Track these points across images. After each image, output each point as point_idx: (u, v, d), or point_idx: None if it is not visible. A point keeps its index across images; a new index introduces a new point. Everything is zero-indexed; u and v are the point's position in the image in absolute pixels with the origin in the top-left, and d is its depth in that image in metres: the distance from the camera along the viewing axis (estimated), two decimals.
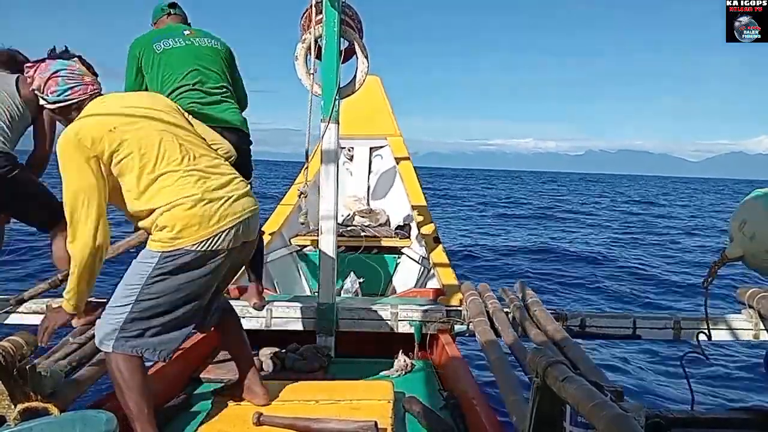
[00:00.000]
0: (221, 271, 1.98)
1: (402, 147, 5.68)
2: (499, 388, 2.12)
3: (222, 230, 1.88)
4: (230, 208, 1.92)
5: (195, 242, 1.84)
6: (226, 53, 3.11)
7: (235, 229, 1.92)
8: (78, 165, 1.83)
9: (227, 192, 1.94)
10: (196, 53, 2.97)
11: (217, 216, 1.88)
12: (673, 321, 3.18)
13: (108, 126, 1.86)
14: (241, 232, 1.95)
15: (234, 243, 1.93)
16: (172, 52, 2.92)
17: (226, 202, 1.91)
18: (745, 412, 2.19)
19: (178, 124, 2.02)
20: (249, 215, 1.98)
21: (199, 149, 1.99)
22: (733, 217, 2.12)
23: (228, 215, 1.90)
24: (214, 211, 1.87)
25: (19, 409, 1.73)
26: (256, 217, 2.06)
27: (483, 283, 3.58)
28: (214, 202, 1.89)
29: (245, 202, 1.99)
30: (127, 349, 1.86)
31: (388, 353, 3.02)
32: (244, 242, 2.01)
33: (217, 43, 3.10)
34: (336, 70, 3.02)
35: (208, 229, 1.86)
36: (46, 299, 3.17)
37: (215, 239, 1.87)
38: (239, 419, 2.13)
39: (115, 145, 1.85)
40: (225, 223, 1.89)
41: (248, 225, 1.99)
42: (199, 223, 1.85)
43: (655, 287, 9.18)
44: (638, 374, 5.23)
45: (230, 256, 1.95)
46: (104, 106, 1.96)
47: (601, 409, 1.22)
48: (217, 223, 1.87)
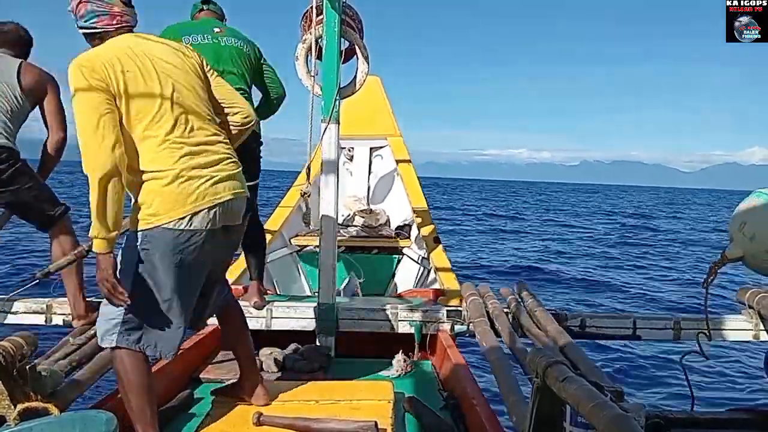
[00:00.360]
0: (206, 256, 1.92)
1: (402, 147, 5.68)
2: (499, 388, 2.12)
3: (198, 210, 1.83)
4: (211, 188, 1.87)
5: (171, 220, 1.80)
6: (252, 53, 3.16)
7: (214, 210, 1.87)
8: (87, 91, 1.77)
9: (212, 171, 1.90)
10: (219, 53, 3.01)
11: (195, 195, 1.83)
12: (673, 321, 3.18)
13: (119, 66, 1.82)
14: (221, 214, 1.90)
15: (213, 224, 1.88)
16: (196, 47, 2.96)
17: (208, 182, 1.87)
18: (745, 412, 2.19)
19: (193, 88, 1.97)
20: (230, 197, 1.92)
21: (199, 121, 1.94)
22: (733, 218, 2.13)
23: (207, 195, 1.85)
24: (192, 189, 1.83)
25: (19, 409, 1.73)
26: (241, 200, 2.00)
27: (483, 284, 3.58)
28: (194, 179, 1.84)
29: (230, 185, 1.94)
30: (131, 344, 1.85)
31: (388, 353, 3.02)
32: (228, 226, 1.96)
33: (244, 44, 3.15)
34: (336, 70, 3.02)
35: (184, 207, 1.82)
36: (47, 299, 3.18)
37: (192, 218, 1.83)
38: (239, 419, 2.13)
39: (118, 87, 1.80)
40: (203, 202, 1.84)
41: (230, 207, 1.93)
42: (175, 200, 1.81)
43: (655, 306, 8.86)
44: (638, 374, 5.24)
45: (212, 239, 1.90)
46: (126, 45, 1.90)
47: (601, 410, 1.22)
48: (194, 201, 1.83)
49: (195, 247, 1.86)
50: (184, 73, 1.98)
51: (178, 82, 1.93)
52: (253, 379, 2.26)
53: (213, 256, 1.98)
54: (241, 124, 2.17)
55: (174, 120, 1.87)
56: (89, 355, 2.41)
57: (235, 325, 2.26)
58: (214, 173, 1.91)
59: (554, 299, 8.18)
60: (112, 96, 1.80)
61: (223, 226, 1.94)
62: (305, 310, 3.17)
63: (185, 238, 1.83)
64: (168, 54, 1.98)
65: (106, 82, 1.79)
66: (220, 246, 1.99)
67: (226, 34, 3.11)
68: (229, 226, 1.98)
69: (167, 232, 1.81)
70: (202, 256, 1.91)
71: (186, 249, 1.84)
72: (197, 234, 1.85)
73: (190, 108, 1.94)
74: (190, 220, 1.83)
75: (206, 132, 1.96)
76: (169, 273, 1.84)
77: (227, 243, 2.04)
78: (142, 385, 1.86)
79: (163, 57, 1.95)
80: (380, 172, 6.26)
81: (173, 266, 1.84)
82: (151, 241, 1.82)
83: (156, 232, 1.81)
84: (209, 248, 1.92)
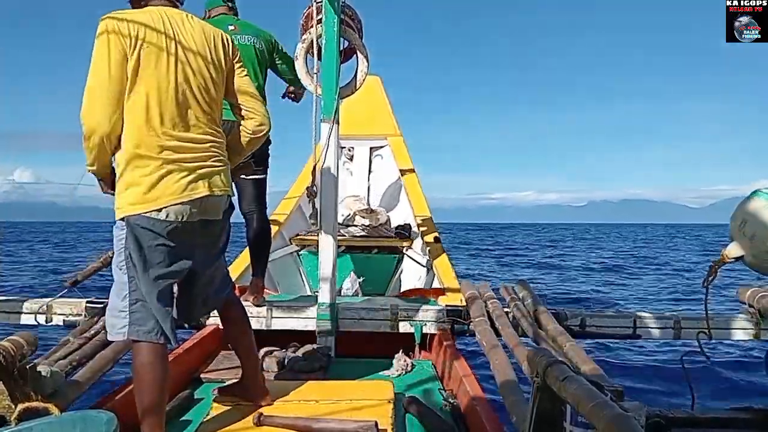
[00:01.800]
0: (183, 248, 1.92)
1: (402, 147, 5.68)
2: (499, 388, 2.12)
3: (174, 203, 1.85)
4: (191, 184, 1.89)
5: (148, 210, 1.82)
6: (266, 48, 3.22)
7: (189, 205, 1.88)
8: (107, 46, 1.79)
9: (194, 167, 1.91)
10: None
11: (173, 188, 1.85)
12: (673, 321, 3.18)
13: (143, 34, 1.83)
14: (197, 210, 1.91)
15: (191, 218, 1.90)
16: None
17: (187, 177, 1.88)
18: (745, 412, 2.19)
19: (204, 83, 1.96)
20: (207, 194, 1.93)
21: (196, 118, 1.94)
22: (733, 217, 2.13)
23: (186, 189, 1.87)
24: (171, 183, 1.85)
25: (19, 409, 1.73)
26: (219, 198, 2.00)
27: (483, 283, 3.58)
28: (174, 173, 1.86)
29: (210, 182, 1.94)
30: (141, 336, 1.85)
31: (388, 353, 3.02)
32: (205, 220, 1.97)
33: (257, 40, 3.20)
34: (336, 70, 3.02)
35: (161, 199, 1.83)
36: (47, 299, 3.18)
37: (168, 210, 1.84)
38: (240, 419, 2.13)
39: (132, 54, 1.81)
40: (180, 196, 1.86)
41: (204, 204, 1.93)
42: (153, 191, 1.83)
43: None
44: (638, 374, 5.23)
45: (190, 232, 1.92)
46: (159, 17, 1.90)
47: (601, 409, 1.22)
48: (171, 195, 1.84)
49: (172, 238, 1.87)
50: (203, 66, 1.97)
51: (192, 74, 1.93)
52: (254, 378, 2.26)
53: (191, 249, 1.97)
54: (251, 132, 2.17)
55: (170, 111, 1.87)
56: (89, 355, 2.41)
57: (237, 325, 2.26)
58: (196, 169, 1.92)
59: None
60: (126, 58, 1.81)
61: (201, 220, 1.95)
62: (305, 310, 3.18)
63: (160, 229, 1.85)
64: (196, 42, 1.97)
65: (124, 43, 1.80)
66: (198, 239, 1.98)
67: (240, 31, 3.15)
68: (207, 220, 1.98)
69: (144, 221, 1.83)
70: (179, 248, 1.92)
71: (161, 238, 1.86)
72: (172, 225, 1.86)
73: (192, 103, 1.94)
74: (167, 212, 1.84)
75: (199, 129, 1.96)
76: (150, 260, 1.85)
77: (206, 237, 2.03)
78: (156, 379, 1.85)
79: (189, 44, 1.94)
80: (380, 171, 6.26)
81: (152, 253, 1.85)
82: (132, 227, 1.84)
83: (134, 219, 1.83)
84: (187, 240, 1.93)
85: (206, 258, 2.07)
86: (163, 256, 1.88)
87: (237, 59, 2.13)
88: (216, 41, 2.04)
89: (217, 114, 2.05)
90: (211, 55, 2.00)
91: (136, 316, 1.85)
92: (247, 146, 2.19)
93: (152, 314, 1.86)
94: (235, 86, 2.12)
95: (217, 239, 2.11)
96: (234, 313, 2.25)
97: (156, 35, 1.86)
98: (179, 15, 1.97)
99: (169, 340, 1.91)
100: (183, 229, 1.89)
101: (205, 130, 1.98)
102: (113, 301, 1.90)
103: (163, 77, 1.86)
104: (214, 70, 2.01)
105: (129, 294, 1.86)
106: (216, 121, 2.05)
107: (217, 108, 2.05)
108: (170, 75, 1.88)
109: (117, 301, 1.88)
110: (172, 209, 1.85)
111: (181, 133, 1.90)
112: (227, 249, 2.22)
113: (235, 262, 4.18)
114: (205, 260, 2.07)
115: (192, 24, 1.99)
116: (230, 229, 2.19)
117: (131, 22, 1.83)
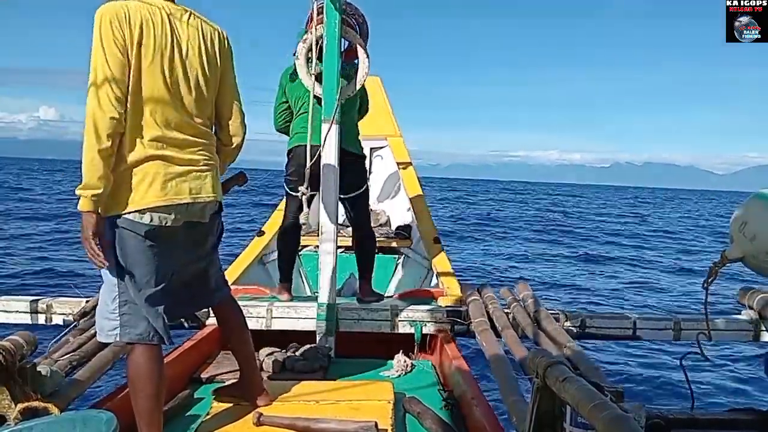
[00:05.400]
0: (167, 251, 1.91)
1: (402, 148, 5.67)
2: (499, 388, 2.12)
3: (157, 206, 1.83)
4: (174, 189, 1.87)
5: (131, 211, 1.80)
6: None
7: (172, 210, 1.87)
8: (105, 39, 1.75)
9: (181, 171, 1.88)
10: None
11: (157, 192, 1.83)
12: (673, 321, 3.18)
13: (138, 29, 1.79)
14: (181, 214, 1.90)
15: (174, 222, 1.88)
16: None
17: (172, 180, 1.86)
18: (745, 412, 2.19)
19: (198, 84, 1.94)
20: (191, 201, 1.91)
21: (187, 120, 1.91)
22: (734, 218, 2.13)
23: (168, 194, 1.85)
24: (156, 187, 1.83)
25: (19, 408, 1.73)
26: (206, 203, 1.97)
27: (483, 283, 3.58)
28: (159, 176, 1.84)
29: (195, 186, 1.92)
30: (133, 338, 1.84)
31: (388, 353, 3.02)
32: (190, 222, 1.96)
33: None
34: (336, 70, 3.02)
35: (143, 201, 1.81)
36: (47, 299, 3.18)
37: (151, 214, 1.82)
38: (239, 419, 2.13)
39: (130, 48, 1.78)
40: (163, 200, 1.84)
41: (188, 209, 1.92)
42: (136, 194, 1.81)
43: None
44: (638, 374, 5.23)
45: (173, 234, 1.90)
46: (158, 11, 1.86)
47: (601, 410, 1.22)
48: (154, 197, 1.82)
49: (155, 240, 1.86)
50: (200, 66, 1.95)
51: (186, 73, 1.90)
52: (253, 379, 2.26)
53: (177, 250, 1.96)
54: (223, 143, 2.15)
55: (160, 110, 1.84)
56: (89, 355, 2.41)
57: (234, 326, 2.26)
58: (183, 173, 1.90)
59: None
60: (126, 50, 1.78)
61: (185, 222, 1.94)
62: (305, 310, 3.17)
63: (142, 231, 1.83)
64: (195, 40, 1.94)
65: (123, 38, 1.77)
66: (183, 240, 1.97)
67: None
68: (192, 222, 1.97)
69: (127, 222, 1.82)
70: (164, 249, 1.90)
71: (145, 240, 1.84)
72: (153, 228, 1.84)
73: (184, 103, 1.91)
74: (150, 215, 1.83)
75: (190, 131, 1.93)
76: (136, 261, 1.84)
77: (192, 237, 2.01)
78: (151, 381, 1.84)
79: (185, 42, 1.91)
80: (380, 172, 6.24)
81: (137, 255, 1.83)
82: (119, 226, 1.82)
83: (118, 220, 1.82)
84: (171, 241, 1.91)
85: (194, 257, 2.06)
86: (147, 257, 1.86)
87: (231, 59, 2.10)
88: (213, 39, 2.01)
89: (208, 115, 2.03)
90: (207, 54, 1.98)
91: (126, 318, 1.84)
92: (225, 158, 2.17)
93: (143, 315, 1.85)
94: (223, 93, 2.08)
95: (204, 239, 2.09)
96: (230, 314, 2.25)
97: (153, 31, 1.82)
98: (179, 11, 1.94)
99: (164, 340, 1.89)
100: (166, 231, 1.88)
101: (195, 132, 1.95)
102: (103, 302, 1.88)
103: (155, 77, 1.83)
104: (209, 69, 1.99)
105: (119, 295, 1.84)
106: (207, 123, 2.02)
107: (209, 109, 2.03)
108: (164, 73, 1.84)
109: (107, 303, 1.86)
110: (154, 213, 1.83)
111: (170, 134, 1.87)
112: (219, 246, 2.20)
113: (235, 262, 4.18)
114: (193, 259, 2.06)
115: (191, 21, 1.96)
116: (221, 229, 2.17)
117: (126, 13, 1.78)
